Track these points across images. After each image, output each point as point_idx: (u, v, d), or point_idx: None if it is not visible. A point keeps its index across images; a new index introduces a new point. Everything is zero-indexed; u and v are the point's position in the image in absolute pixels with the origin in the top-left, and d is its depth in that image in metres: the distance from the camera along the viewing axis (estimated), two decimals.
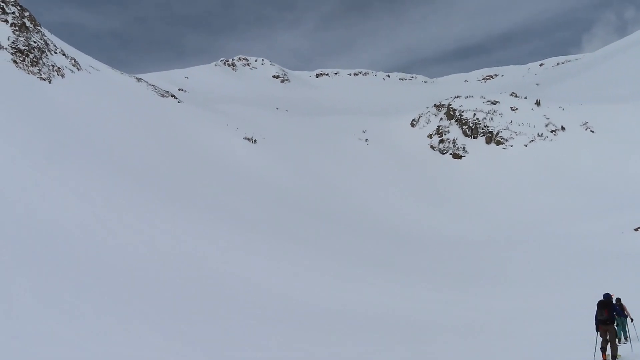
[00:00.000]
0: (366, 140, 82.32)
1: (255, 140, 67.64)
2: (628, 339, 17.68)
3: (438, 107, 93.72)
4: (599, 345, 15.11)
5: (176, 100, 71.47)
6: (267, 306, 25.74)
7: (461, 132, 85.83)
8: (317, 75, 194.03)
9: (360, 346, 20.88)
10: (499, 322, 24.58)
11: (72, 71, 56.27)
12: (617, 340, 15.09)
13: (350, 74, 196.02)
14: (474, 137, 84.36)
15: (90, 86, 56.71)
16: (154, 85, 74.02)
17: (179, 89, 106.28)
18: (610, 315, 14.64)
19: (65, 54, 58.17)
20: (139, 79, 73.70)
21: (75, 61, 58.58)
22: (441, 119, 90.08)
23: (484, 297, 30.34)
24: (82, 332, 17.33)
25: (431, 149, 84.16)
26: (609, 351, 14.80)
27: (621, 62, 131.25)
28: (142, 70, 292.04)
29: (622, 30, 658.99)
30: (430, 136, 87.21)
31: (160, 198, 39.17)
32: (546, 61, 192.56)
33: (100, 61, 70.78)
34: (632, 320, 18.14)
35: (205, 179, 50.41)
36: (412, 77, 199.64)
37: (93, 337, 17.09)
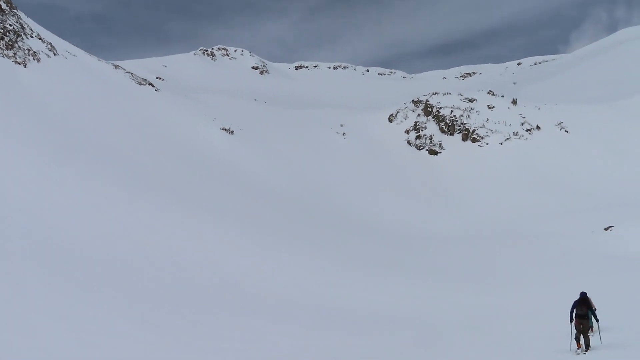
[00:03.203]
0: (343, 134, 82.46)
1: (232, 131, 67.33)
2: (596, 331, 18.35)
3: (416, 103, 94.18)
4: (573, 336, 16.78)
5: (154, 89, 70.75)
6: (241, 300, 25.75)
7: (438, 128, 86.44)
8: (297, 68, 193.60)
9: (336, 337, 21.03)
10: (473, 317, 24.91)
11: (49, 56, 55.38)
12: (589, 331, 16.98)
13: (329, 68, 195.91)
14: (450, 134, 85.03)
15: (67, 71, 55.87)
16: (131, 73, 73.17)
17: (157, 77, 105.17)
18: (587, 310, 16.70)
19: (42, 38, 57.21)
20: (116, 66, 72.77)
21: (51, 46, 57.65)
22: (419, 115, 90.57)
23: (457, 292, 30.72)
24: (89, 332, 17.22)
25: (408, 145, 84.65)
26: (582, 341, 16.73)
27: (597, 64, 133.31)
28: (121, 57, 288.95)
29: (612, 28, 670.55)
30: (407, 132, 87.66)
31: (132, 185, 38.82)
32: (524, 60, 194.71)
33: (78, 47, 69.70)
34: (595, 309, 18.88)
35: (179, 168, 50.09)
36: (391, 73, 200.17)
37: (102, 338, 17.02)
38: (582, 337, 16.43)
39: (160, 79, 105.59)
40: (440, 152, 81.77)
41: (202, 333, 19.68)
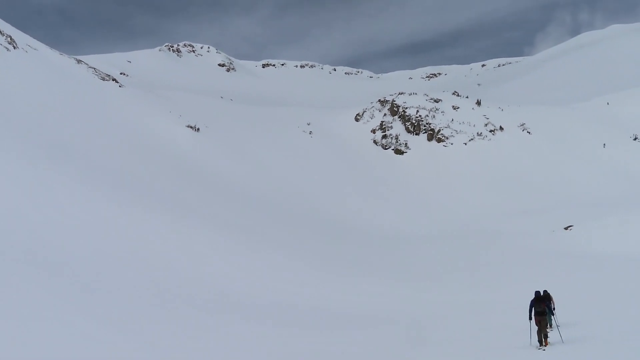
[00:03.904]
0: (310, 132, 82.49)
1: (198, 129, 66.72)
2: (553, 326, 18.89)
3: (382, 102, 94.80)
4: (534, 332, 17.36)
5: (117, 85, 69.66)
6: (203, 296, 25.53)
7: (404, 128, 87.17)
8: (264, 66, 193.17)
9: (318, 336, 21.01)
10: (439, 314, 25.19)
11: (8, 49, 54.06)
12: (547, 327, 17.60)
13: (296, 66, 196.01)
14: (416, 134, 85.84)
15: (27, 65, 54.62)
16: (94, 68, 71.90)
17: (121, 73, 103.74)
18: (545, 308, 17.27)
19: (1, 30, 55.81)
20: (79, 61, 71.42)
21: (11, 39, 56.28)
22: (385, 114, 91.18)
23: (422, 290, 31.02)
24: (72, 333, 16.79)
25: (374, 144, 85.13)
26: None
27: (558, 67, 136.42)
28: (84, 51, 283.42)
29: (576, 31, 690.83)
30: (373, 131, 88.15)
31: (91, 182, 38.07)
32: (488, 62, 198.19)
33: (39, 40, 68.22)
34: (554, 309, 19.62)
35: (144, 165, 49.38)
36: (358, 72, 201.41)
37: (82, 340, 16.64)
38: (542, 333, 16.97)
39: (124, 74, 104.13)
40: (406, 152, 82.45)
41: (163, 334, 19.45)
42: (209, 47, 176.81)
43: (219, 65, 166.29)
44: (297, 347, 19.65)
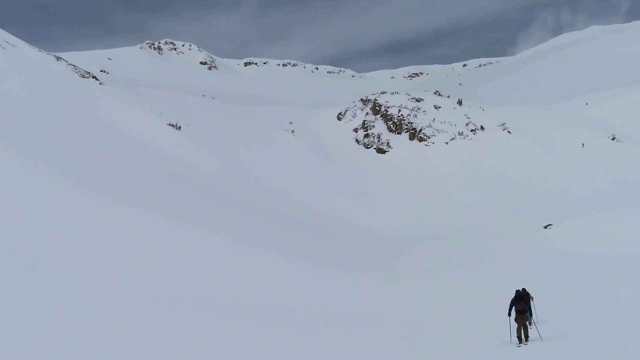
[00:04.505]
0: (292, 131, 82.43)
1: (179, 127, 66.33)
2: (533, 323, 19.14)
3: (364, 101, 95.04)
4: (514, 330, 17.61)
5: (97, 82, 68.99)
6: (196, 297, 25.39)
7: (386, 127, 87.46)
8: (246, 64, 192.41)
9: (312, 336, 20.99)
10: (422, 313, 25.29)
11: None
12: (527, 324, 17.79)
13: (279, 65, 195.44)
14: (398, 133, 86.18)
15: (5, 62, 53.88)
16: (74, 65, 71.11)
17: (101, 71, 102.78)
18: (525, 306, 17.56)
19: None
20: (58, 58, 70.57)
21: None
22: (367, 113, 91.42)
23: (403, 289, 31.13)
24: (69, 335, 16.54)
25: (356, 143, 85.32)
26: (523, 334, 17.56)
27: (538, 67, 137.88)
28: (63, 48, 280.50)
29: (557, 31, 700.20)
30: (355, 130, 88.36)
31: (75, 183, 37.68)
32: (469, 62, 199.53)
33: (17, 36, 67.31)
34: (532, 298, 20.12)
35: (123, 164, 48.96)
36: (341, 71, 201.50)
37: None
38: (522, 330, 17.20)
39: (104, 72, 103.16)
40: (387, 151, 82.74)
41: (143, 335, 19.29)
42: (190, 45, 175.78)
43: (201, 63, 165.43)
44: (292, 347, 19.61)
